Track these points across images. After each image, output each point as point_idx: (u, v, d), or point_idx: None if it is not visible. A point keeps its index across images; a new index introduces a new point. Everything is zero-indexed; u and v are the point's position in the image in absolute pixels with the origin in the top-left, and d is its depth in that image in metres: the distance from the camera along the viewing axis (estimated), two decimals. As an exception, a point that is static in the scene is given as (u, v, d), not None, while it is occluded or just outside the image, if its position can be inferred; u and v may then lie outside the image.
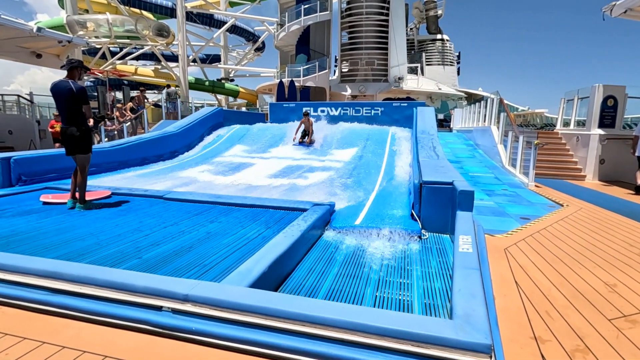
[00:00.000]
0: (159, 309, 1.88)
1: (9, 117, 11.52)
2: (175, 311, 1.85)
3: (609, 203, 5.46)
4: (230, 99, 31.95)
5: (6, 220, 3.64)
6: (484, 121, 10.87)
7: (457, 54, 33.88)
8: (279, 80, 22.53)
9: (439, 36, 33.15)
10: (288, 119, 12.67)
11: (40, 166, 5.71)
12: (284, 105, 13.45)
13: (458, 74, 33.56)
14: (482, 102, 11.67)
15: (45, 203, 4.38)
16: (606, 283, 2.64)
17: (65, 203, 4.30)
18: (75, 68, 4.04)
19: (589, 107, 8.36)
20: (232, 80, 30.68)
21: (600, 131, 8.05)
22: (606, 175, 7.99)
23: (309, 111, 10.07)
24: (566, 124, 9.95)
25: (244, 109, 28.46)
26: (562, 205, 5.14)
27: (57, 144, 10.04)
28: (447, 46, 33.01)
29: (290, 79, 21.79)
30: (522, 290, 2.50)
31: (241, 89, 29.78)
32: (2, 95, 12.70)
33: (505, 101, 9.93)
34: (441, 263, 3.04)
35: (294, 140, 9.82)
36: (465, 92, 28.53)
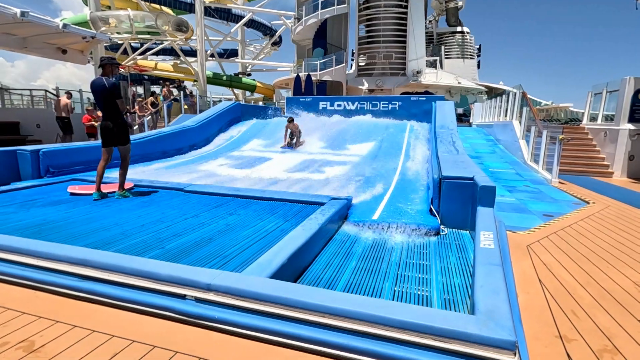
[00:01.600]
0: (182, 297, 1.93)
1: (37, 112, 11.97)
2: (198, 300, 1.89)
3: (638, 201, 5.24)
4: (248, 93, 32.17)
5: (37, 210, 3.80)
6: (505, 116, 10.58)
7: (478, 46, 32.99)
8: (295, 74, 22.52)
9: (459, 28, 32.32)
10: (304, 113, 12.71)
11: (67, 159, 5.92)
12: (301, 99, 13.46)
13: (478, 67, 32.71)
14: (503, 96, 11.35)
15: (72, 194, 4.55)
16: (636, 283, 2.54)
17: (91, 194, 4.46)
18: (107, 65, 4.33)
19: (619, 101, 8.01)
20: (249, 75, 30.86)
21: (630, 126, 7.71)
22: (635, 172, 7.66)
23: (293, 118, 9.75)
24: (593, 118, 9.58)
25: (260, 103, 28.64)
26: (588, 203, 4.96)
27: (91, 139, 10.48)
28: (467, 39, 32.17)
29: (307, 73, 21.74)
30: (546, 288, 2.44)
31: (258, 84, 29.93)
32: (30, 90, 13.17)
33: (528, 95, 9.61)
34: (460, 259, 3.00)
35: (283, 146, 9.33)
36: (486, 86, 27.80)
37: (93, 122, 10.77)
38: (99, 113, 11.03)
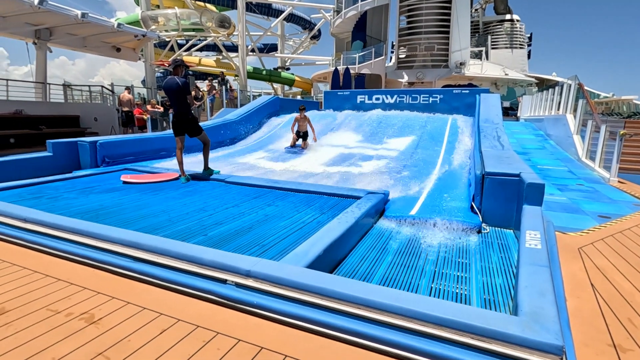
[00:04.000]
0: (223, 281, 2.02)
1: (95, 106, 12.95)
2: (238, 285, 1.98)
3: None
4: (286, 87, 32.61)
5: (95, 196, 4.14)
6: (558, 109, 9.85)
7: (529, 35, 30.87)
8: (334, 68, 22.44)
9: (507, 16, 30.41)
10: (342, 107, 12.65)
11: (121, 149, 6.38)
12: (338, 93, 13.39)
13: (528, 57, 30.64)
14: (555, 88, 10.56)
15: (125, 182, 4.90)
16: None
17: (141, 183, 4.80)
18: (178, 66, 4.96)
19: (694, 93, 7.16)
20: (288, 69, 31.25)
21: None
22: None
23: (305, 106, 8.48)
24: (661, 112, 8.65)
25: (299, 97, 28.91)
26: (652, 205, 4.52)
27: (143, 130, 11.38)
28: (516, 27, 30.19)
29: (345, 66, 21.58)
30: (599, 294, 2.27)
31: (297, 78, 30.23)
32: (89, 86, 14.25)
33: (585, 87, 8.86)
34: (503, 259, 2.88)
35: (287, 147, 8.42)
36: (536, 78, 26.02)
37: (143, 115, 11.49)
38: (149, 107, 11.78)
